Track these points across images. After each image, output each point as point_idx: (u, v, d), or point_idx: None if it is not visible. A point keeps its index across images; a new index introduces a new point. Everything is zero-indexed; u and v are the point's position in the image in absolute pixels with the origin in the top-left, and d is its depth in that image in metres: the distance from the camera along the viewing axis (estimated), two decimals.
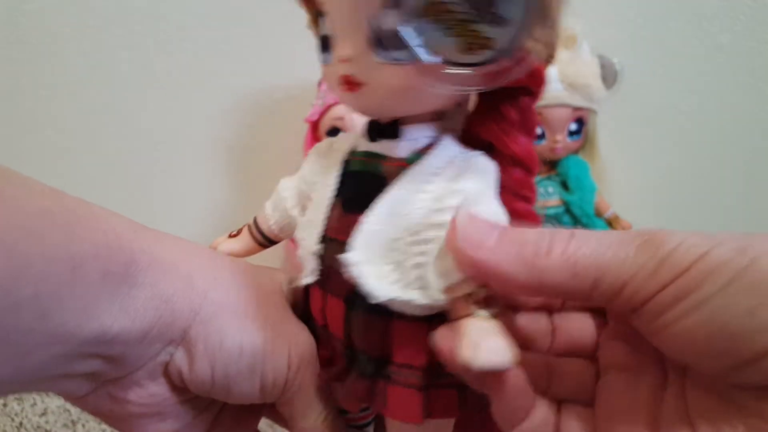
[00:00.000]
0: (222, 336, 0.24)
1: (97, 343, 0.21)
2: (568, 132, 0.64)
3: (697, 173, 0.75)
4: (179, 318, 0.23)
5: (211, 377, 0.24)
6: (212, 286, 0.24)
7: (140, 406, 0.25)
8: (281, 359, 0.25)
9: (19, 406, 0.72)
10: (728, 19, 0.71)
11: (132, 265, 0.22)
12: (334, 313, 0.25)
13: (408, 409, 0.23)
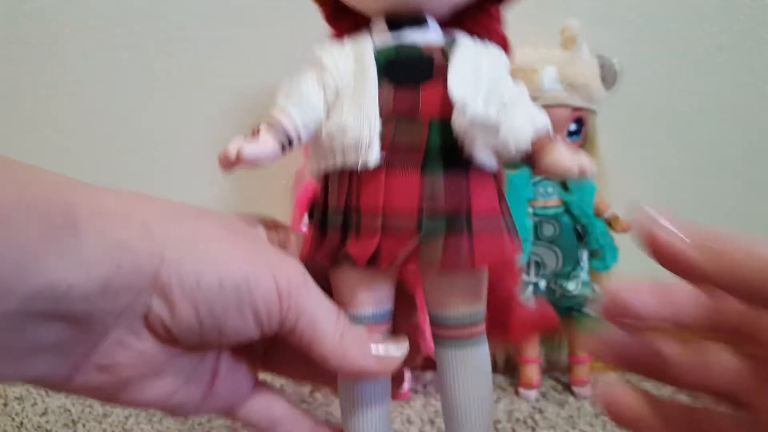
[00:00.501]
0: (197, 275, 0.22)
1: (48, 299, 0.19)
2: (568, 132, 0.64)
3: (697, 173, 0.75)
4: (142, 264, 0.22)
5: (197, 320, 0.23)
6: (173, 228, 0.23)
7: (133, 368, 0.23)
8: (268, 287, 0.23)
9: (19, 405, 0.72)
10: (728, 19, 0.71)
11: (72, 216, 0.20)
12: (406, 188, 0.25)
13: (495, 252, 0.25)
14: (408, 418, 0.65)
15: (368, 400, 0.26)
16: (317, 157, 0.27)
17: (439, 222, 0.25)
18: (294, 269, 0.25)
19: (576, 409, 0.67)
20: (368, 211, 0.25)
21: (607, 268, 0.66)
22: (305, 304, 0.24)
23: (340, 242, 0.26)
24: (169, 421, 0.66)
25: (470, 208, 0.25)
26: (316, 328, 0.24)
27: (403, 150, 0.25)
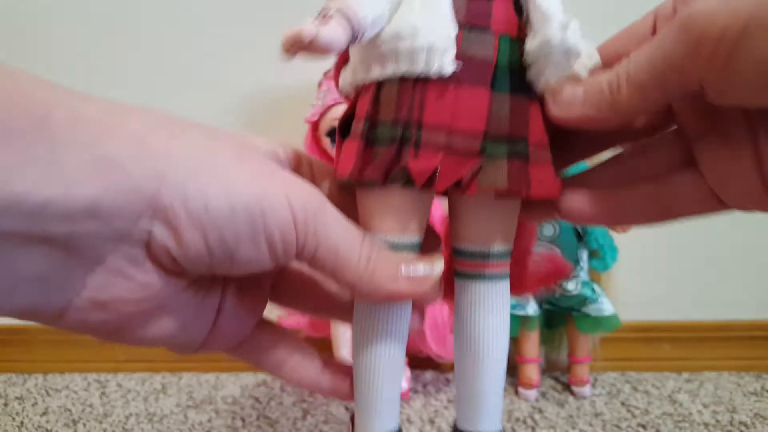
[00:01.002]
0: (205, 197, 0.20)
1: (19, 216, 0.17)
2: None
3: None
4: (139, 184, 0.19)
5: (206, 248, 0.20)
6: (174, 142, 0.20)
7: (136, 304, 0.21)
8: (282, 211, 0.21)
9: (20, 405, 0.72)
10: None
11: (49, 121, 0.18)
12: (475, 105, 0.23)
13: (551, 183, 0.24)
14: (408, 418, 0.66)
15: (386, 330, 0.25)
16: (369, 62, 0.24)
17: (502, 145, 0.23)
18: (310, 193, 0.22)
19: (576, 409, 0.67)
20: (432, 126, 0.23)
21: (606, 267, 0.66)
22: (324, 231, 0.22)
23: (396, 157, 0.23)
24: (169, 420, 0.67)
25: (528, 135, 0.24)
26: (339, 255, 0.22)
27: (473, 62, 0.23)
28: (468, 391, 0.26)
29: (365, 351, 0.25)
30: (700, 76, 0.19)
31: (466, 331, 0.26)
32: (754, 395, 0.70)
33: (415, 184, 0.22)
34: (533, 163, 0.23)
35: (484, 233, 0.25)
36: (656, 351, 0.77)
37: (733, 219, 0.79)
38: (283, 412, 0.68)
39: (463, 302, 0.26)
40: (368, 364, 0.25)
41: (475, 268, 0.25)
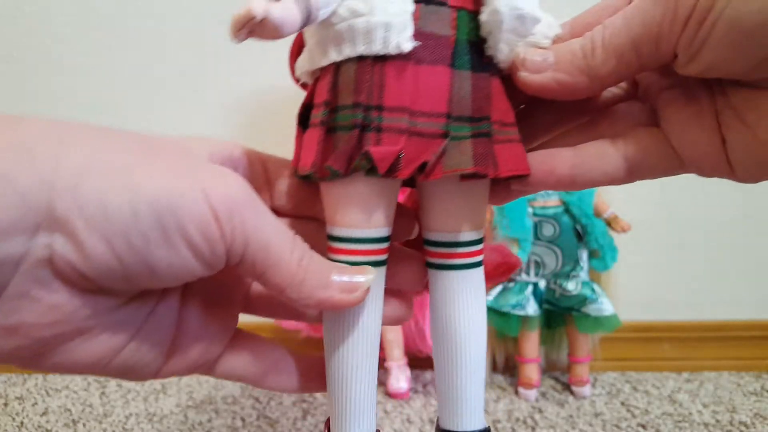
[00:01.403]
0: (102, 200, 0.18)
1: None
2: None
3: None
4: (27, 196, 0.17)
5: (114, 257, 0.18)
6: (65, 149, 0.18)
7: (49, 327, 0.19)
8: (197, 206, 0.19)
9: (20, 405, 0.72)
10: None
11: None
12: (436, 85, 0.22)
13: (518, 162, 0.23)
14: (408, 418, 0.66)
15: (357, 329, 0.23)
16: (325, 45, 0.22)
17: (465, 126, 0.22)
18: (234, 185, 0.20)
19: (575, 409, 0.67)
20: (393, 109, 0.21)
21: (606, 267, 0.66)
22: (253, 225, 0.20)
23: (358, 144, 0.21)
24: (169, 420, 0.67)
25: (491, 114, 0.23)
26: (270, 253, 0.20)
27: (432, 40, 0.22)
28: (447, 387, 0.25)
29: (336, 352, 0.24)
30: (675, 41, 0.20)
31: (441, 324, 0.25)
32: (753, 395, 0.70)
33: (378, 170, 0.21)
34: (498, 141, 0.23)
35: (451, 221, 0.24)
36: (656, 351, 0.78)
37: (733, 219, 0.79)
38: (283, 412, 0.68)
39: (436, 294, 0.25)
40: (340, 366, 0.24)
41: (444, 258, 0.24)
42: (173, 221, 0.18)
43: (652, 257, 0.77)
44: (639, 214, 0.69)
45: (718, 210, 0.76)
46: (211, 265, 0.20)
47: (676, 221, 0.77)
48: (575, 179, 0.23)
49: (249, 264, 0.20)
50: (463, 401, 0.24)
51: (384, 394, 0.71)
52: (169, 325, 0.22)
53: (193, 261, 0.19)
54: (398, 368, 0.71)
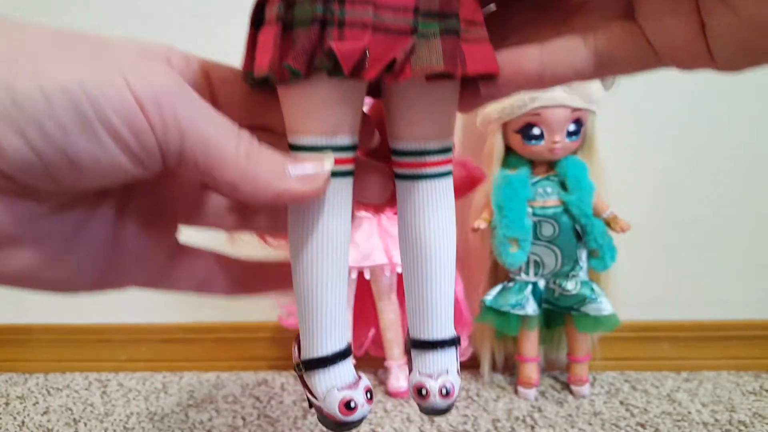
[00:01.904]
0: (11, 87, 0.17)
1: None
2: (567, 133, 0.65)
3: (694, 173, 0.76)
4: None
5: (29, 148, 0.17)
6: None
7: None
8: (117, 92, 0.17)
9: (21, 405, 0.72)
10: None
11: None
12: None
13: (487, 61, 0.22)
14: (408, 417, 0.66)
15: (325, 231, 0.22)
16: None
17: (433, 23, 0.21)
18: (160, 73, 0.18)
19: (575, 408, 0.67)
20: (356, 1, 0.20)
21: (605, 267, 0.66)
22: (187, 116, 0.18)
23: (319, 40, 0.20)
24: (170, 419, 0.67)
25: (459, 11, 0.21)
26: (211, 148, 0.18)
27: None
28: (417, 297, 0.24)
29: (302, 264, 0.22)
30: None
31: (411, 235, 0.24)
32: (752, 394, 0.70)
33: (343, 70, 0.19)
34: (467, 40, 0.21)
35: (419, 128, 0.23)
36: (655, 350, 0.78)
37: (732, 218, 0.79)
38: (283, 411, 0.68)
39: (405, 205, 0.24)
40: (307, 278, 0.22)
41: (413, 168, 0.23)
42: (92, 110, 0.17)
43: (651, 257, 0.77)
44: (638, 213, 0.69)
45: (717, 210, 0.77)
46: (145, 162, 0.18)
47: (675, 221, 0.77)
48: (543, 77, 0.22)
49: (191, 162, 0.19)
50: (434, 311, 0.24)
51: (384, 393, 0.71)
52: (104, 240, 0.21)
53: (121, 155, 0.18)
54: (398, 367, 0.71)
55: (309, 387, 0.23)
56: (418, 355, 0.24)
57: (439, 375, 0.24)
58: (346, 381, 0.22)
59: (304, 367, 0.23)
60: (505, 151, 0.68)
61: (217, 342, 0.81)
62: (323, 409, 0.22)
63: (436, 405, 0.23)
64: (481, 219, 0.67)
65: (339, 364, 0.23)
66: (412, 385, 0.24)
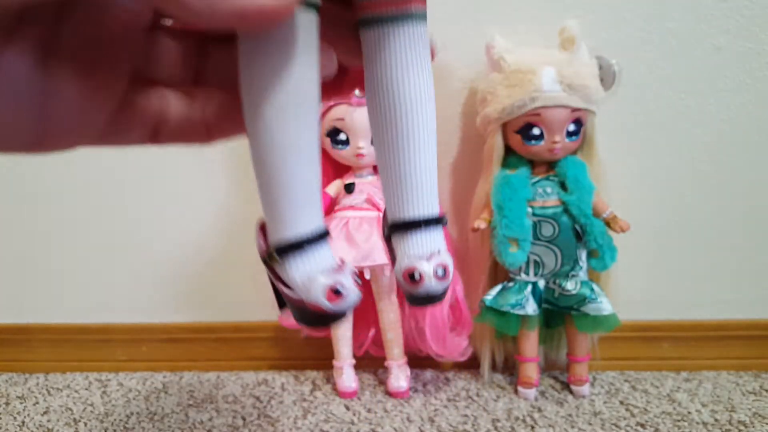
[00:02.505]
0: None
1: None
2: (567, 133, 0.65)
3: (694, 173, 0.76)
4: None
5: None
6: None
7: None
8: None
9: (21, 405, 0.72)
10: (726, 20, 0.72)
11: None
12: None
13: None
14: (408, 417, 0.66)
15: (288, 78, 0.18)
16: None
17: None
18: None
19: (575, 408, 0.67)
20: None
21: (605, 267, 0.66)
22: None
23: None
24: (170, 419, 0.67)
25: None
26: None
27: None
28: (396, 171, 0.21)
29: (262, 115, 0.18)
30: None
31: (388, 95, 0.20)
32: (752, 394, 0.70)
33: None
34: None
35: None
36: (655, 350, 0.78)
37: (732, 218, 0.79)
38: (283, 411, 0.68)
39: (377, 58, 0.20)
40: (271, 134, 0.19)
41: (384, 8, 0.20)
42: None
43: (651, 257, 0.77)
44: (638, 213, 0.69)
45: (716, 209, 0.77)
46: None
47: (674, 221, 0.77)
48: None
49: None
50: (419, 184, 0.21)
51: (384, 393, 0.71)
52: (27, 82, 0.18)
53: None
54: (398, 367, 0.71)
55: (282, 279, 0.19)
56: (401, 238, 0.21)
57: (431, 255, 0.20)
58: (330, 264, 0.19)
59: (277, 253, 0.19)
60: (505, 151, 0.68)
61: (218, 342, 0.81)
62: (305, 301, 0.19)
63: (431, 289, 0.20)
64: (480, 219, 0.67)
65: (319, 244, 0.19)
66: (401, 272, 0.21)
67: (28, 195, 0.80)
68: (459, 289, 0.70)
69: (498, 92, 0.65)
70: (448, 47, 0.71)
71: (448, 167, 0.76)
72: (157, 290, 0.81)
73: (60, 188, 0.80)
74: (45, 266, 0.82)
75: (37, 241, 0.81)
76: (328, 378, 0.76)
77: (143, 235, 0.80)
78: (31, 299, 0.83)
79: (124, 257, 0.81)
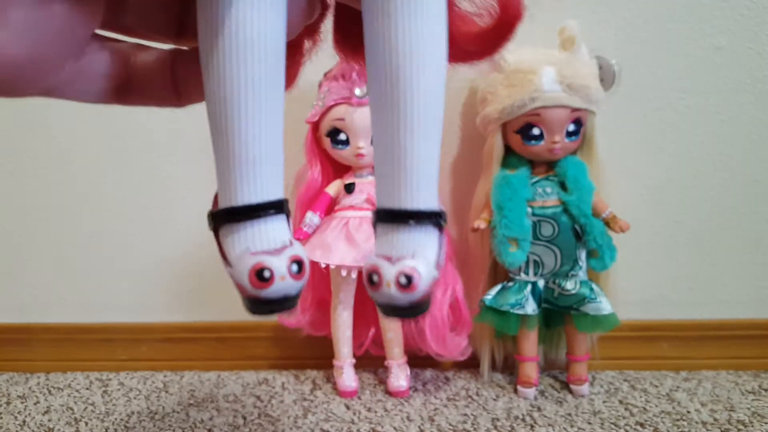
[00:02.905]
0: None
1: None
2: (567, 133, 0.65)
3: (694, 173, 0.76)
4: None
5: None
6: None
7: None
8: None
9: (22, 404, 0.72)
10: (726, 20, 0.72)
11: None
12: None
13: None
14: (408, 416, 0.66)
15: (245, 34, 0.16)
16: None
17: None
18: None
19: (574, 407, 0.67)
20: None
21: (605, 267, 0.66)
22: None
23: None
24: (171, 418, 0.67)
25: None
26: None
27: None
28: (389, 149, 0.17)
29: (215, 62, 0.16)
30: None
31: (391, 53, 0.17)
32: (751, 394, 0.70)
33: None
34: None
35: None
36: (654, 350, 0.78)
37: (732, 218, 0.79)
38: (284, 411, 0.68)
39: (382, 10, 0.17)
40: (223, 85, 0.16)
41: None
42: None
43: (650, 257, 0.77)
44: (637, 213, 0.69)
45: (716, 209, 0.77)
46: None
47: (674, 221, 0.77)
48: None
49: None
50: (410, 168, 0.17)
51: (384, 393, 0.72)
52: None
53: None
54: (398, 367, 0.71)
55: (223, 249, 0.17)
56: (381, 230, 0.18)
57: (399, 258, 0.17)
58: (266, 244, 0.17)
59: (213, 220, 0.17)
60: (504, 151, 0.68)
61: (218, 341, 0.81)
62: (233, 279, 0.17)
63: (391, 298, 0.17)
64: (480, 219, 0.67)
65: (260, 219, 0.16)
66: (364, 269, 0.18)
67: (27, 195, 0.80)
68: (459, 289, 0.70)
69: (498, 92, 0.65)
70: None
71: (448, 167, 0.76)
72: (157, 290, 0.81)
73: (60, 188, 0.80)
74: (46, 266, 0.82)
75: (37, 240, 0.81)
76: (328, 377, 0.76)
77: (144, 234, 0.80)
78: (32, 299, 0.83)
79: (124, 257, 0.81)
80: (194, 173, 0.78)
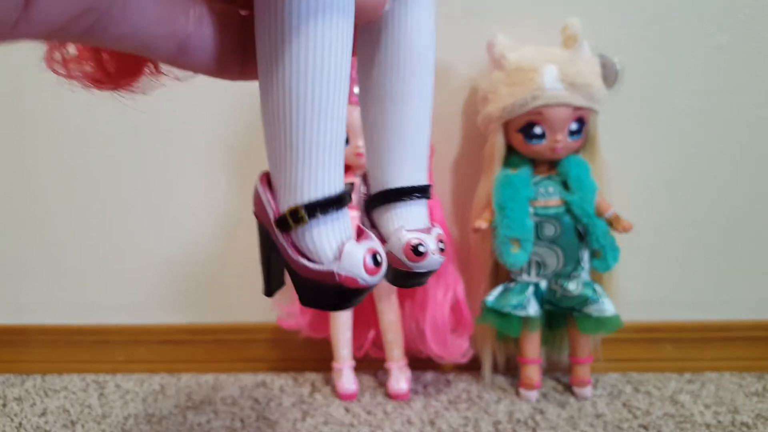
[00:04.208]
0: None
1: None
2: (569, 132, 0.64)
3: (697, 172, 0.75)
4: None
5: None
6: None
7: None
8: None
9: (18, 406, 0.72)
10: (728, 19, 0.71)
11: None
12: None
13: None
14: (408, 419, 0.65)
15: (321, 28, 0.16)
16: None
17: None
18: None
19: (577, 410, 0.67)
20: None
21: (608, 268, 0.66)
22: None
23: None
24: (168, 421, 0.66)
25: None
26: None
27: None
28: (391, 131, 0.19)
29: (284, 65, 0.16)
30: None
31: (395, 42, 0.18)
32: (755, 396, 0.70)
33: None
34: None
35: None
36: (658, 352, 0.77)
37: (735, 219, 0.79)
38: (282, 414, 0.67)
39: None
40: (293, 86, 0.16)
41: None
42: None
43: (653, 257, 0.77)
44: (640, 213, 0.68)
45: (719, 210, 0.76)
46: None
47: (677, 221, 0.76)
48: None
49: None
50: (415, 146, 0.19)
51: (384, 395, 0.71)
52: None
53: None
54: (398, 369, 0.71)
55: (300, 248, 0.17)
56: (396, 208, 0.19)
57: (427, 228, 0.19)
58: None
59: (307, 213, 0.16)
60: (506, 151, 0.67)
61: (216, 343, 0.80)
62: (335, 273, 0.16)
63: (433, 264, 0.19)
64: (482, 219, 0.67)
65: (345, 210, 0.17)
66: (402, 244, 0.19)
67: (26, 195, 0.80)
68: (460, 290, 0.69)
69: (499, 91, 0.64)
70: (448, 46, 0.70)
71: (449, 167, 0.75)
72: (155, 291, 0.80)
73: (58, 188, 0.79)
74: (42, 267, 0.81)
75: (34, 241, 0.81)
76: (327, 380, 0.75)
77: (141, 236, 0.79)
78: (29, 300, 0.82)
79: (122, 258, 0.80)
80: (193, 175, 0.77)
